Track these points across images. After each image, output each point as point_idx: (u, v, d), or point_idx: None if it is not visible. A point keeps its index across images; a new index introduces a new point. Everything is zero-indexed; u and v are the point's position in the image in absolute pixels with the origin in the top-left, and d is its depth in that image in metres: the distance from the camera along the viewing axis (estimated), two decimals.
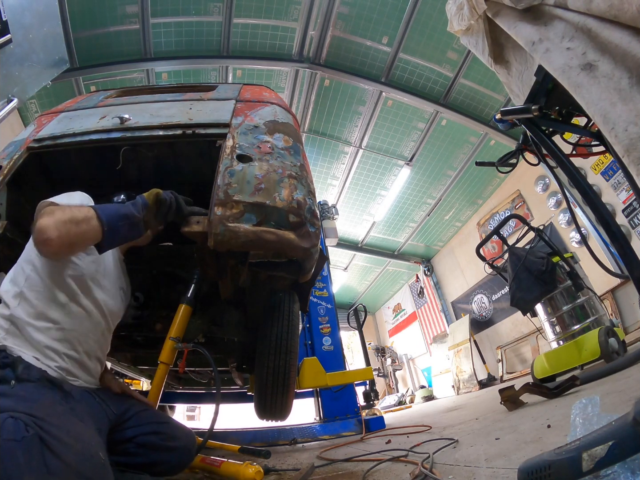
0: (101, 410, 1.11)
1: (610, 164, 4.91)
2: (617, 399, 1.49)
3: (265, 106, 1.75)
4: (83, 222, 0.99)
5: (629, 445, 0.59)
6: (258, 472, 1.38)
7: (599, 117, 0.87)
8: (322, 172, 7.00)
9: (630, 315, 4.84)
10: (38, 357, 0.99)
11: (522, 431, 1.45)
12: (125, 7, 4.48)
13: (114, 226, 1.06)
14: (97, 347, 1.19)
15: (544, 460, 0.69)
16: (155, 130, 1.54)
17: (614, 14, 0.85)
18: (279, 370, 1.55)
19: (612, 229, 1.05)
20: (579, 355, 2.79)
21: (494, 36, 1.40)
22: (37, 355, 0.99)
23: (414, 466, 1.28)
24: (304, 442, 2.94)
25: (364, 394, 4.42)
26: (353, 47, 5.34)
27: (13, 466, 0.69)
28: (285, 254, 1.35)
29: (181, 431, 1.26)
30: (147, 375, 3.38)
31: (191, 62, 5.13)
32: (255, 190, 1.30)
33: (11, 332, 1.00)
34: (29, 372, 0.94)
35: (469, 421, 2.35)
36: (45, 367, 0.99)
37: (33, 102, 4.64)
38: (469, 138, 6.44)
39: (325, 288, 4.12)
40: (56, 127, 1.64)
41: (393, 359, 10.46)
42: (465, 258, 8.28)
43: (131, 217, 1.11)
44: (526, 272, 3.10)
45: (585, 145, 1.60)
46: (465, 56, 5.26)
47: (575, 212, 5.28)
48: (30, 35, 2.83)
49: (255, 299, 1.89)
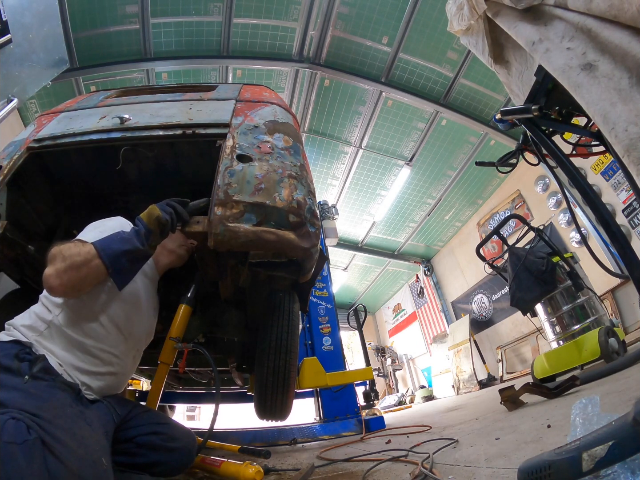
0: (109, 414, 1.12)
1: (610, 164, 4.91)
2: (617, 399, 1.49)
3: (265, 106, 1.75)
4: (83, 265, 1.01)
5: (629, 445, 0.59)
6: (258, 472, 1.38)
7: (599, 117, 0.87)
8: (322, 172, 7.00)
9: (630, 315, 4.84)
10: (62, 364, 1.01)
11: (522, 431, 1.45)
12: (125, 7, 4.48)
13: (119, 264, 1.06)
14: (127, 369, 1.24)
15: (544, 460, 0.69)
16: (155, 130, 1.54)
17: (614, 14, 0.85)
18: (279, 370, 1.55)
19: (612, 229, 1.05)
20: (579, 355, 2.78)
21: (494, 36, 1.40)
22: (62, 363, 1.02)
23: (414, 466, 1.28)
24: (304, 442, 2.94)
25: (364, 394, 4.42)
26: (353, 47, 5.34)
27: (13, 470, 0.68)
28: (285, 254, 1.35)
29: (181, 432, 1.26)
30: (147, 375, 3.38)
31: (191, 62, 5.13)
32: (255, 190, 1.30)
33: (46, 335, 1.03)
34: (46, 372, 0.95)
35: (469, 421, 2.35)
36: (65, 374, 1.01)
37: (33, 102, 4.64)
38: (469, 138, 6.44)
39: (325, 288, 4.12)
40: (56, 127, 1.64)
41: (393, 359, 10.46)
42: (465, 258, 8.28)
43: (135, 251, 1.10)
44: (526, 272, 3.10)
45: (585, 145, 1.60)
46: (465, 56, 5.26)
47: (575, 212, 5.28)
48: (30, 35, 2.83)
49: (255, 299, 1.89)
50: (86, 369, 1.07)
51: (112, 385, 1.18)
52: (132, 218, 1.82)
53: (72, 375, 1.03)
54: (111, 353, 1.15)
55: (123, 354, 1.20)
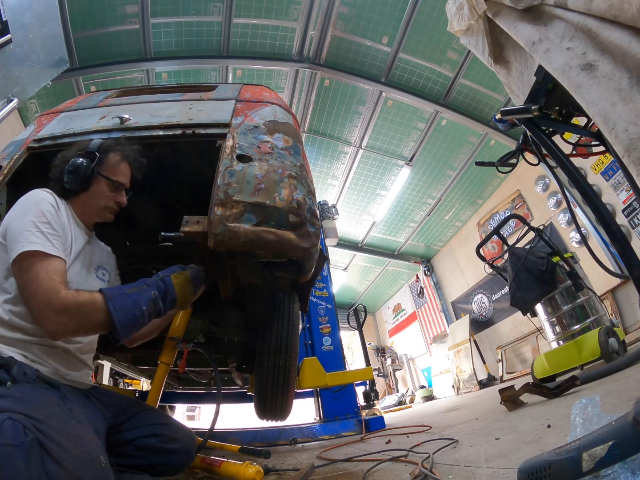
0: (96, 410, 1.10)
1: (610, 164, 4.91)
2: (617, 399, 1.49)
3: (265, 106, 1.75)
4: (94, 329, 1.02)
5: (629, 445, 0.59)
6: (258, 472, 1.38)
7: (599, 117, 0.87)
8: (322, 172, 7.00)
9: (630, 315, 4.84)
10: (26, 355, 0.98)
11: (522, 431, 1.45)
12: (125, 7, 4.48)
13: (131, 331, 1.04)
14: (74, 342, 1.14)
15: (544, 460, 0.69)
16: (155, 130, 1.54)
17: (614, 14, 0.85)
18: (279, 370, 1.54)
19: (612, 229, 1.05)
20: (579, 355, 2.78)
21: (494, 36, 1.40)
22: (25, 354, 0.97)
23: (414, 466, 1.28)
24: (304, 442, 2.94)
25: (364, 394, 4.42)
26: (353, 47, 5.34)
27: (12, 473, 0.66)
28: (285, 254, 1.35)
29: (181, 432, 1.25)
30: (147, 375, 3.38)
31: (191, 62, 5.13)
32: (255, 190, 1.30)
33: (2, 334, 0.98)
34: (24, 372, 0.92)
35: (469, 421, 2.35)
36: (37, 365, 0.98)
37: (33, 102, 4.64)
38: (469, 138, 6.44)
39: (325, 288, 4.11)
40: (56, 127, 1.64)
41: (393, 359, 10.46)
42: (465, 258, 8.28)
43: (149, 315, 1.06)
44: (526, 272, 3.10)
45: (585, 145, 1.60)
46: (465, 56, 5.26)
47: (575, 212, 5.28)
48: (30, 35, 2.83)
49: (255, 299, 1.89)
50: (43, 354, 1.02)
51: (64, 363, 1.09)
52: (132, 218, 1.83)
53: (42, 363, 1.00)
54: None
55: None
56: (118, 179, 1.30)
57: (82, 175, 1.22)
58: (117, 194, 1.31)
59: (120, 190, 1.32)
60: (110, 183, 1.28)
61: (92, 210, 1.28)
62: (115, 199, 1.30)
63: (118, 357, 2.50)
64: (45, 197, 1.13)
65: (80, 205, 1.26)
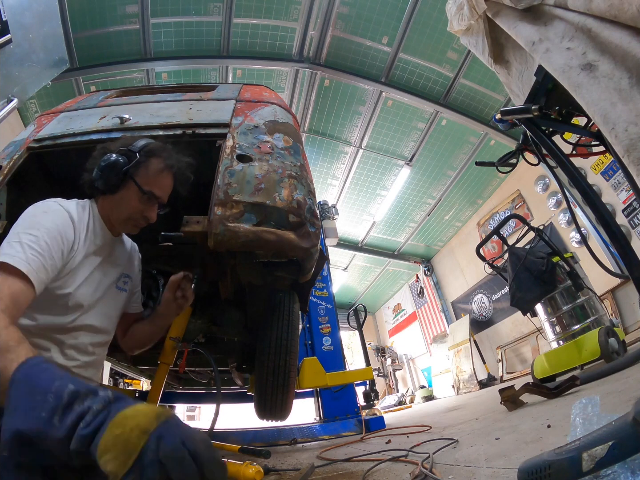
0: None
1: (610, 164, 4.91)
2: (617, 399, 1.49)
3: (265, 106, 1.75)
4: None
5: (629, 445, 0.59)
6: (258, 472, 1.38)
7: (599, 117, 0.87)
8: (322, 172, 7.00)
9: (630, 315, 4.84)
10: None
11: (522, 431, 1.45)
12: (125, 7, 4.48)
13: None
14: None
15: (544, 460, 0.69)
16: (155, 130, 1.54)
17: (614, 14, 0.85)
18: (279, 370, 1.55)
19: (612, 229, 1.05)
20: (579, 355, 2.78)
21: (494, 36, 1.40)
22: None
23: (414, 466, 1.28)
24: (304, 442, 2.94)
25: (364, 394, 4.43)
26: (353, 47, 5.34)
27: None
28: (285, 254, 1.35)
29: None
30: (147, 375, 3.38)
31: (191, 62, 5.13)
32: (255, 190, 1.30)
33: None
34: None
35: (469, 421, 2.35)
36: None
37: (33, 102, 4.64)
38: (469, 138, 6.44)
39: (325, 288, 4.12)
40: (56, 127, 1.64)
41: (393, 359, 10.46)
42: (465, 258, 8.28)
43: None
44: (526, 272, 3.10)
45: (585, 145, 1.60)
46: (465, 56, 5.26)
47: (575, 212, 5.28)
48: (30, 35, 2.83)
49: (255, 299, 1.89)
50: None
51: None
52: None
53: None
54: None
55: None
56: (151, 189, 1.12)
57: (111, 175, 1.07)
58: (148, 206, 1.13)
59: (152, 204, 1.14)
60: (141, 192, 1.10)
61: (115, 217, 1.13)
62: (144, 212, 1.13)
63: (118, 357, 2.50)
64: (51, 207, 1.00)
65: (106, 208, 1.13)
